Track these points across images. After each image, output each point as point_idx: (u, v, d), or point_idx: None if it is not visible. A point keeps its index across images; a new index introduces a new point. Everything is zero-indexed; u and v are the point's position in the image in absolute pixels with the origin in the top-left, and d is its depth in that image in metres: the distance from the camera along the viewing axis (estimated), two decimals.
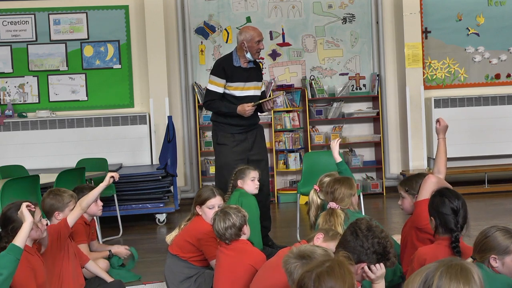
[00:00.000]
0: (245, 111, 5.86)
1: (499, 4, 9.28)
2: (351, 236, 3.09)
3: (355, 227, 3.12)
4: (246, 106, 5.86)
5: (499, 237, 3.06)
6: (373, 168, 9.24)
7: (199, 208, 4.56)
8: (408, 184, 4.22)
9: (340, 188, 4.13)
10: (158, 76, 8.63)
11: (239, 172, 5.30)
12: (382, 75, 9.11)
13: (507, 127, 8.99)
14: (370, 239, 3.04)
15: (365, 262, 3.03)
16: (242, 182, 5.25)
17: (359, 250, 3.03)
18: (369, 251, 3.02)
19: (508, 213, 7.42)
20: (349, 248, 3.07)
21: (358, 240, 3.05)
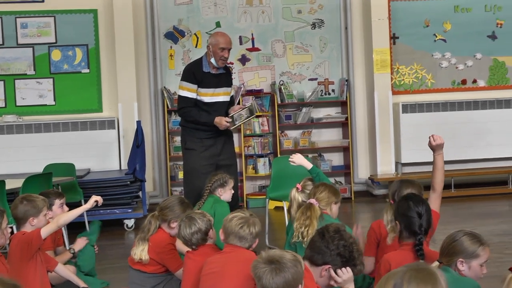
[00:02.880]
0: (222, 125, 5.86)
1: (465, 11, 9.40)
2: (318, 237, 3.13)
3: (323, 229, 3.16)
4: (223, 120, 5.85)
5: (467, 241, 3.10)
6: (342, 173, 9.29)
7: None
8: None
9: (325, 190, 4.17)
10: (127, 80, 8.58)
11: (221, 179, 5.24)
12: (350, 80, 9.16)
13: (473, 132, 9.11)
14: (336, 241, 3.06)
15: (329, 264, 3.04)
16: (222, 190, 5.23)
17: (324, 251, 3.06)
18: (333, 252, 3.04)
19: (475, 217, 7.52)
20: (315, 248, 3.10)
21: (324, 241, 3.08)
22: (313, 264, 3.08)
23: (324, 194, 4.13)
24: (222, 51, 5.91)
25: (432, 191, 4.11)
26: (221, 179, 5.25)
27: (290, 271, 2.69)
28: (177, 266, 4.27)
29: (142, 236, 4.37)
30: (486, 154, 9.18)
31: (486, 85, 9.46)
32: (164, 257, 4.30)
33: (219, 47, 5.90)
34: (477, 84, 9.45)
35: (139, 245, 4.35)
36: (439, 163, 4.13)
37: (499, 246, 5.75)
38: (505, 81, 9.47)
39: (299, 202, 4.33)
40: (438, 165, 4.13)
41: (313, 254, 3.09)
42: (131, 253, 4.39)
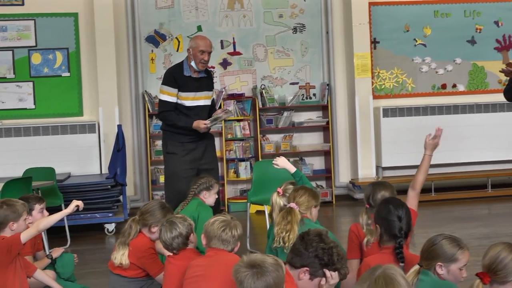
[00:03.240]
0: (200, 128, 5.86)
1: (445, 16, 9.48)
2: (298, 239, 3.14)
3: (305, 232, 3.17)
4: (202, 123, 5.86)
5: (446, 245, 3.11)
6: (323, 176, 9.31)
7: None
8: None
9: (304, 194, 4.16)
10: (108, 84, 8.55)
11: (207, 182, 5.22)
12: (332, 85, 9.20)
13: (453, 136, 9.16)
14: (315, 243, 3.06)
15: (307, 267, 3.04)
16: (207, 194, 5.21)
17: (302, 253, 3.06)
18: (311, 254, 3.03)
19: (455, 221, 7.57)
20: (295, 251, 3.11)
21: (303, 243, 3.08)
22: (292, 266, 3.08)
23: (304, 198, 4.13)
24: (202, 54, 5.91)
25: (411, 189, 4.14)
26: (207, 182, 5.23)
27: (272, 275, 2.69)
28: (157, 270, 4.26)
29: (123, 240, 4.35)
30: (465, 158, 9.25)
31: (466, 89, 9.54)
32: (145, 262, 4.29)
33: (199, 50, 5.90)
34: (457, 89, 9.53)
35: (119, 250, 4.33)
36: (425, 164, 4.19)
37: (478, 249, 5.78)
38: (484, 85, 9.56)
39: (281, 206, 4.32)
40: (424, 166, 4.19)
41: (292, 256, 3.09)
42: (111, 258, 4.37)
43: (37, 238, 5.06)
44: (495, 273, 2.81)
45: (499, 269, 2.81)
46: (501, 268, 2.80)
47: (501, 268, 2.81)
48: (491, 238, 6.40)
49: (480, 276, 2.84)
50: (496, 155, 9.17)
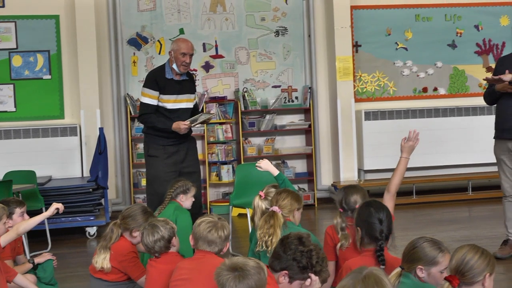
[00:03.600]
0: (180, 129, 5.85)
1: (426, 20, 9.55)
2: (278, 242, 3.15)
3: (286, 235, 3.16)
4: (181, 124, 5.84)
5: (426, 248, 3.13)
6: (305, 179, 9.33)
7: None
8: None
9: (287, 198, 4.15)
10: (90, 87, 8.51)
11: (184, 186, 5.21)
12: (314, 88, 9.23)
13: (434, 139, 9.24)
14: (293, 246, 3.06)
15: (286, 270, 3.05)
16: (184, 197, 5.19)
17: (281, 256, 3.06)
18: (289, 257, 3.04)
19: (435, 224, 7.61)
20: (275, 254, 3.11)
21: (282, 246, 3.09)
22: (273, 269, 3.08)
23: (287, 201, 4.12)
24: (183, 57, 5.90)
25: (387, 192, 4.15)
26: (184, 185, 5.22)
27: (254, 278, 2.69)
28: (139, 274, 4.24)
29: (104, 244, 4.34)
30: (446, 161, 9.32)
31: (447, 93, 9.61)
32: (126, 265, 4.27)
33: (180, 53, 5.89)
34: (438, 92, 9.60)
35: (100, 254, 4.31)
36: (401, 167, 4.18)
37: None
38: (464, 89, 9.64)
39: (263, 209, 4.31)
40: (400, 168, 4.18)
41: (272, 259, 3.10)
42: (92, 262, 4.35)
43: (17, 242, 5.03)
44: (463, 275, 2.84)
45: (466, 271, 2.84)
46: (468, 270, 2.84)
47: (468, 269, 2.84)
48: (472, 240, 6.44)
49: (449, 279, 2.87)
50: (476, 158, 9.24)
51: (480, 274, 2.84)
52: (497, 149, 5.86)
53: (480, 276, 2.84)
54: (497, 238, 6.21)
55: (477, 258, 2.85)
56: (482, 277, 2.84)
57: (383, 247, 3.44)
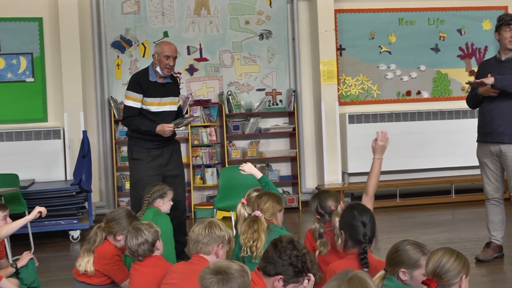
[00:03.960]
0: (165, 132, 5.84)
1: (409, 23, 9.60)
2: (271, 247, 3.13)
3: (277, 239, 3.17)
4: (166, 126, 5.83)
5: (409, 251, 3.14)
6: (289, 182, 9.34)
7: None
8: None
9: (268, 201, 4.14)
10: (73, 90, 8.47)
11: (160, 190, 5.18)
12: (298, 91, 9.24)
13: (418, 142, 9.29)
14: (289, 251, 3.07)
15: (282, 275, 3.05)
16: (161, 201, 5.15)
17: (276, 261, 3.06)
18: (285, 262, 3.04)
19: (419, 226, 7.64)
20: (268, 259, 3.10)
21: (276, 251, 3.09)
22: (266, 274, 3.09)
23: (269, 205, 4.11)
24: (167, 59, 5.89)
25: (365, 195, 4.19)
26: (161, 190, 5.18)
27: (237, 281, 2.69)
28: (123, 277, 4.23)
29: (88, 247, 4.32)
30: (429, 164, 9.36)
31: (430, 96, 9.67)
32: (109, 269, 4.26)
33: (164, 55, 5.89)
34: (421, 96, 9.65)
35: (84, 257, 4.30)
36: (375, 168, 4.23)
37: None
38: (448, 92, 9.70)
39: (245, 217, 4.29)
40: (374, 170, 4.22)
41: (266, 264, 3.10)
42: (76, 265, 4.33)
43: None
44: (440, 278, 2.87)
45: (443, 273, 2.87)
46: (445, 272, 2.87)
47: (444, 272, 2.87)
48: (455, 243, 6.48)
49: (427, 283, 2.89)
50: (459, 161, 9.30)
51: (457, 276, 2.87)
52: (480, 153, 5.90)
53: (457, 278, 2.87)
54: (480, 240, 6.25)
55: (452, 260, 2.89)
56: (458, 279, 2.87)
57: (366, 250, 3.45)
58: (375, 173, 4.20)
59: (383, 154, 4.21)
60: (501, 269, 5.55)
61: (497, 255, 5.83)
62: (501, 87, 5.49)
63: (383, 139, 4.22)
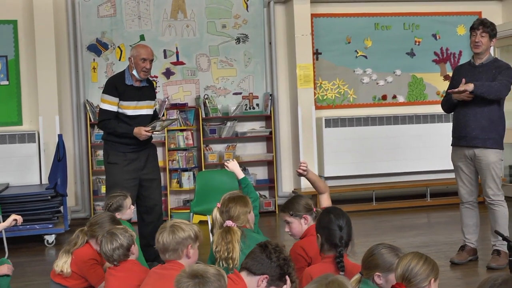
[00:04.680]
0: (141, 135, 5.81)
1: (385, 28, 9.67)
2: (259, 248, 3.16)
3: (265, 242, 3.20)
4: (143, 130, 5.81)
5: (384, 254, 3.16)
6: (266, 186, 9.35)
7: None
8: (291, 207, 4.21)
9: (235, 207, 4.10)
10: (48, 93, 8.41)
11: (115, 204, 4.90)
12: (274, 95, 9.26)
13: (394, 146, 9.36)
14: (277, 254, 3.12)
15: (267, 275, 3.07)
16: (120, 214, 4.89)
17: (265, 261, 3.09)
18: (274, 264, 3.09)
19: (395, 230, 7.69)
20: (256, 258, 3.13)
21: (266, 252, 3.12)
22: (251, 273, 3.10)
23: (237, 210, 4.03)
24: (143, 62, 5.88)
25: (322, 194, 4.44)
26: (115, 203, 4.91)
27: (214, 285, 2.69)
28: (98, 280, 4.20)
29: (67, 248, 4.31)
30: (405, 168, 9.43)
31: (405, 100, 9.74)
32: (85, 271, 4.24)
33: (141, 58, 5.87)
34: (397, 100, 9.72)
35: (62, 257, 4.29)
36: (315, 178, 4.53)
37: None
38: (423, 97, 9.78)
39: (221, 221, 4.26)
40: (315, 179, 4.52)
41: (253, 263, 3.11)
42: (53, 265, 4.31)
43: None
44: (409, 282, 2.90)
45: (411, 277, 2.90)
46: (413, 276, 2.90)
47: (413, 276, 2.90)
48: (430, 246, 6.53)
49: (396, 287, 2.92)
50: (434, 165, 9.37)
51: (425, 280, 2.90)
52: (454, 156, 5.95)
53: (425, 282, 2.90)
54: (455, 243, 6.30)
55: (421, 264, 2.92)
56: (427, 283, 2.90)
57: (342, 254, 3.46)
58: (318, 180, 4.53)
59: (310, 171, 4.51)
60: (475, 272, 5.60)
61: (472, 258, 5.89)
62: (481, 93, 5.55)
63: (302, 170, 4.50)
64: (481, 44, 5.72)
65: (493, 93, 5.56)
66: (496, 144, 5.71)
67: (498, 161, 5.74)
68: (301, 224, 4.16)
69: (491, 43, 5.78)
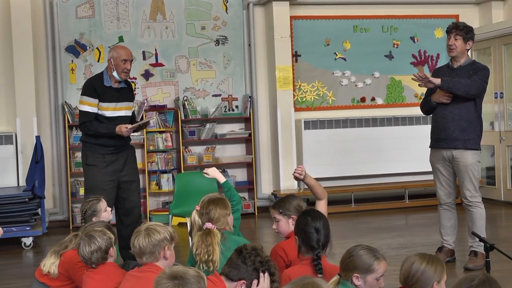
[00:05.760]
0: (123, 132, 5.80)
1: (364, 31, 9.73)
2: (235, 253, 3.16)
3: (242, 247, 3.19)
4: (123, 127, 5.80)
5: (363, 256, 3.17)
6: (245, 188, 9.35)
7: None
8: (281, 205, 4.23)
9: (215, 209, 4.09)
10: (26, 94, 8.34)
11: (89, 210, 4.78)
12: (254, 97, 9.27)
13: (372, 148, 9.40)
14: (253, 257, 3.11)
15: (245, 280, 3.07)
16: (97, 218, 4.79)
17: (240, 266, 3.09)
18: (249, 268, 3.08)
19: (373, 231, 7.73)
20: (232, 264, 3.13)
21: (241, 257, 3.12)
22: (229, 279, 3.10)
23: (218, 213, 4.03)
24: (124, 63, 5.87)
25: (319, 200, 4.34)
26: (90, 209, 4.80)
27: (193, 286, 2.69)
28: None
29: (57, 250, 4.27)
30: (384, 169, 9.48)
31: (384, 103, 9.80)
32: (73, 273, 4.19)
33: (121, 60, 5.85)
34: (376, 102, 9.78)
35: (50, 258, 4.24)
36: (313, 183, 4.39)
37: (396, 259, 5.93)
38: (401, 99, 9.85)
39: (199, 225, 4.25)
40: (314, 184, 4.39)
41: (230, 269, 3.12)
42: (40, 264, 4.27)
43: None
44: (412, 285, 2.91)
45: (414, 282, 2.91)
46: (416, 281, 2.91)
47: (416, 280, 2.91)
48: (408, 247, 6.57)
49: None
50: (413, 167, 9.43)
51: (429, 284, 2.91)
52: (433, 158, 6.00)
53: (429, 285, 2.91)
54: (433, 245, 6.34)
55: (423, 267, 2.92)
56: (430, 286, 2.91)
57: (320, 256, 3.47)
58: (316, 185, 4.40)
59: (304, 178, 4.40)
60: (453, 273, 5.64)
61: (449, 259, 5.93)
62: (447, 88, 5.60)
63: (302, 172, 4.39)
64: (455, 47, 5.78)
65: (461, 89, 5.61)
66: (476, 144, 5.78)
67: (476, 163, 5.80)
68: (289, 223, 4.17)
69: (467, 46, 5.82)
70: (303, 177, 4.39)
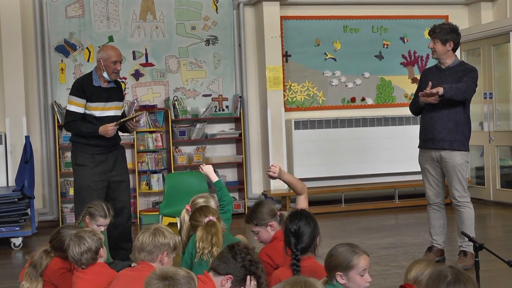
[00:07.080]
0: (108, 131, 5.77)
1: (354, 31, 9.75)
2: (227, 248, 3.20)
3: (234, 243, 3.24)
4: (108, 126, 5.78)
5: (342, 253, 3.15)
6: (236, 188, 9.35)
7: None
8: (254, 217, 4.22)
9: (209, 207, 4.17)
10: (15, 94, 8.31)
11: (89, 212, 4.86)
12: (244, 97, 9.27)
13: (362, 148, 9.43)
14: (244, 254, 3.14)
15: (231, 275, 3.08)
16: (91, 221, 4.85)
17: (230, 261, 3.13)
18: (238, 264, 3.12)
19: (363, 231, 7.74)
20: (222, 258, 3.17)
21: (232, 252, 3.16)
22: (217, 273, 3.12)
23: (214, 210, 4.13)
24: (114, 64, 5.86)
25: (299, 196, 4.39)
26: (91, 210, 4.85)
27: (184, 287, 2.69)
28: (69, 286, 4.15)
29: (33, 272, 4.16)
30: (373, 169, 9.51)
31: (374, 103, 9.82)
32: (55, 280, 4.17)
33: (112, 61, 5.84)
34: (366, 102, 9.80)
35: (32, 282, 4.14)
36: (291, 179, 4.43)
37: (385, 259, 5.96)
38: (391, 99, 9.87)
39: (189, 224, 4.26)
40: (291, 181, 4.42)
41: (219, 263, 3.15)
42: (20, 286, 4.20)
43: None
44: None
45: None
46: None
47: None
48: (398, 247, 6.59)
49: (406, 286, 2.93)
50: (402, 167, 9.46)
51: None
52: (421, 158, 6.02)
53: None
54: (422, 245, 6.37)
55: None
56: None
57: (298, 259, 3.45)
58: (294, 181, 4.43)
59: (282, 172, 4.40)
60: None
61: (439, 259, 5.95)
62: (450, 96, 5.62)
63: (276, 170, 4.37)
64: (434, 50, 5.84)
65: (461, 95, 5.65)
66: (462, 146, 5.80)
67: (464, 163, 5.82)
68: (268, 231, 4.19)
69: (447, 47, 5.82)
70: (277, 175, 4.38)
